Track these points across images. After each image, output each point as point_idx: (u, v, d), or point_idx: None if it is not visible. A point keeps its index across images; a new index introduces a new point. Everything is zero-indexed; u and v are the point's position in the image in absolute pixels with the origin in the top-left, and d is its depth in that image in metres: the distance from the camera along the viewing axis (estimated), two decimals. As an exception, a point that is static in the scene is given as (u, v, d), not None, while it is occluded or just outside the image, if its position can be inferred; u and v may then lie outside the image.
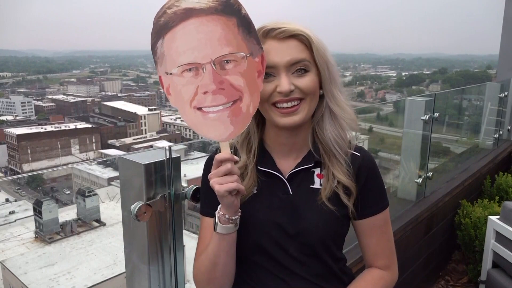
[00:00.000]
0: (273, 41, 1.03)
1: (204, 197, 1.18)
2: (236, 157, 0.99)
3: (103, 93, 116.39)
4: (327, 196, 1.09)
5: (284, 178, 1.12)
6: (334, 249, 1.14)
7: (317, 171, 1.13)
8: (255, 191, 1.12)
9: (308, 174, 1.13)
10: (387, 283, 1.19)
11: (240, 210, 1.04)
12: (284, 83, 1.01)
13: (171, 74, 0.96)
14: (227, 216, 1.02)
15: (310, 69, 1.05)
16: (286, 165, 1.14)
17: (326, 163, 1.11)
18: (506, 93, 4.84)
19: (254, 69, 0.98)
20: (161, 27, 0.94)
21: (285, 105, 1.04)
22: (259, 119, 1.14)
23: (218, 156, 0.97)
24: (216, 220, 1.03)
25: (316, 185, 1.12)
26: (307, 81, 1.04)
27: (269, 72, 1.03)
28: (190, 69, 0.95)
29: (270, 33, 1.03)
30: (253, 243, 1.10)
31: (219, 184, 0.96)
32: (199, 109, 0.97)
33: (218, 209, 1.03)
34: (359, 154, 1.15)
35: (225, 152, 0.98)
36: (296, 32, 1.03)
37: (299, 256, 1.10)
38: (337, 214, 1.10)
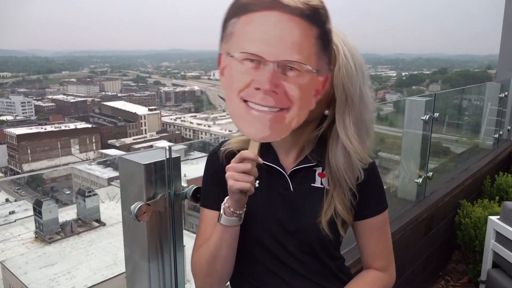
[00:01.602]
0: None
1: (206, 190, 1.18)
2: (260, 160, 0.98)
3: (103, 93, 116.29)
4: (327, 222, 1.09)
5: (286, 174, 1.12)
6: (332, 249, 1.15)
7: (318, 170, 1.13)
8: (257, 185, 1.12)
9: (309, 173, 1.13)
10: (385, 285, 1.19)
11: (245, 205, 1.04)
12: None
13: (232, 56, 0.93)
14: (232, 209, 1.02)
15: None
16: (289, 161, 1.14)
17: (330, 190, 1.10)
18: (506, 93, 4.84)
19: (314, 87, 0.93)
20: (241, 6, 0.90)
21: None
22: None
23: (244, 153, 0.96)
24: (221, 211, 1.03)
25: (317, 183, 1.12)
26: None
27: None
28: (252, 60, 0.91)
29: None
30: (253, 237, 1.10)
31: (234, 180, 0.95)
32: (245, 101, 0.94)
33: (225, 200, 1.03)
34: None
35: (252, 151, 0.97)
36: None
37: (297, 254, 1.11)
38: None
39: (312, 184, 1.12)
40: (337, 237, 1.14)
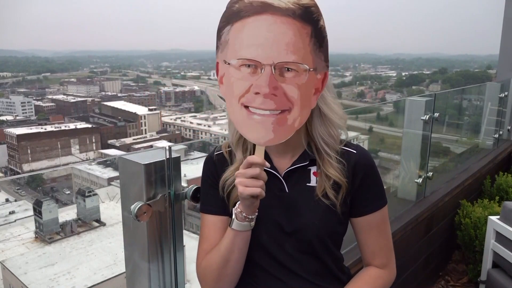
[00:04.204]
0: None
1: (205, 195, 1.18)
2: (267, 163, 0.98)
3: (103, 93, 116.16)
4: (322, 193, 1.09)
5: (280, 176, 1.12)
6: (332, 247, 1.14)
7: (313, 169, 1.14)
8: None
9: (304, 172, 1.13)
10: (385, 282, 1.19)
11: (257, 210, 1.04)
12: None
13: (229, 64, 0.94)
14: (244, 214, 1.02)
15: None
16: (283, 163, 1.14)
17: (318, 161, 1.12)
18: (506, 93, 4.84)
19: (313, 85, 0.95)
20: (233, 14, 0.91)
21: None
22: None
23: (250, 158, 0.96)
24: (233, 216, 1.04)
25: (312, 183, 1.13)
26: None
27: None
28: (248, 65, 0.91)
29: None
30: (252, 240, 1.10)
31: (245, 186, 0.95)
32: (246, 107, 0.94)
33: (237, 205, 1.03)
34: (355, 152, 1.15)
35: (258, 156, 0.97)
36: None
37: (296, 255, 1.11)
38: (334, 211, 1.10)
39: (308, 184, 1.12)
40: (336, 231, 1.14)
